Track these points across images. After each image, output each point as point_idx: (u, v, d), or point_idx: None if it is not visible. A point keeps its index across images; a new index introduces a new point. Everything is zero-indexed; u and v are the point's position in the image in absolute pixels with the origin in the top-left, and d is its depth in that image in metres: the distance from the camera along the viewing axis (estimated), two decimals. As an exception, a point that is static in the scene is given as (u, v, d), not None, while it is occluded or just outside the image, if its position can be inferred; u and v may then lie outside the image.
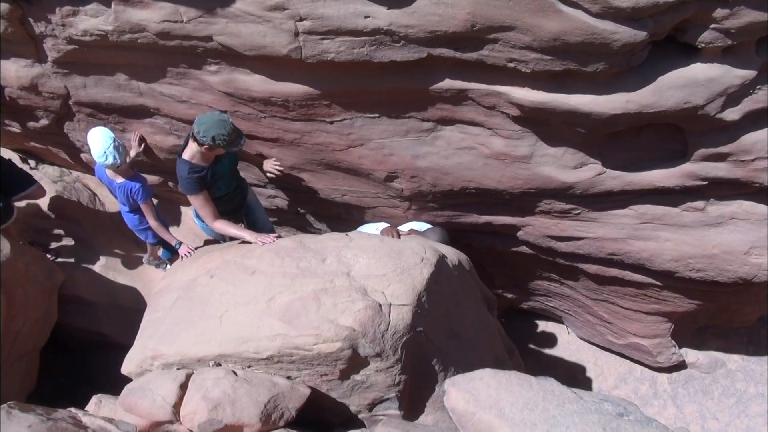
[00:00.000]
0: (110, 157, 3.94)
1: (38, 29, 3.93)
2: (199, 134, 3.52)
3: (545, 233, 4.64)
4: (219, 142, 3.53)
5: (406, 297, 3.07)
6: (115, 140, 3.98)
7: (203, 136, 3.51)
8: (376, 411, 3.10)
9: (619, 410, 2.22)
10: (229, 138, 3.55)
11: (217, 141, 3.52)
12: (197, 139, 3.56)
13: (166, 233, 4.42)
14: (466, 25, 3.22)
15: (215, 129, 3.50)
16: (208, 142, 3.52)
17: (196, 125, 3.54)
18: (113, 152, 3.94)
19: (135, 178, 4.23)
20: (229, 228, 3.90)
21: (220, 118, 3.54)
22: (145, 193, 4.22)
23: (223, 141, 3.53)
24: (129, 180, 4.19)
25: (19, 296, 4.28)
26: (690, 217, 4.17)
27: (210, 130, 3.49)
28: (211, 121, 3.51)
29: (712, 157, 3.77)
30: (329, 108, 3.94)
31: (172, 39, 3.68)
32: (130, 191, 4.22)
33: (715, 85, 3.33)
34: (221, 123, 3.52)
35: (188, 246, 4.23)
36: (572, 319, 6.18)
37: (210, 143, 3.53)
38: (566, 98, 3.47)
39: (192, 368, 3.06)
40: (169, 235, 4.43)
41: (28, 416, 2.70)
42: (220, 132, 3.50)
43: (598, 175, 3.97)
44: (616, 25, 3.05)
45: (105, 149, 3.92)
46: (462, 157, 4.10)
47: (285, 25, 3.41)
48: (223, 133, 3.52)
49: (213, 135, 3.50)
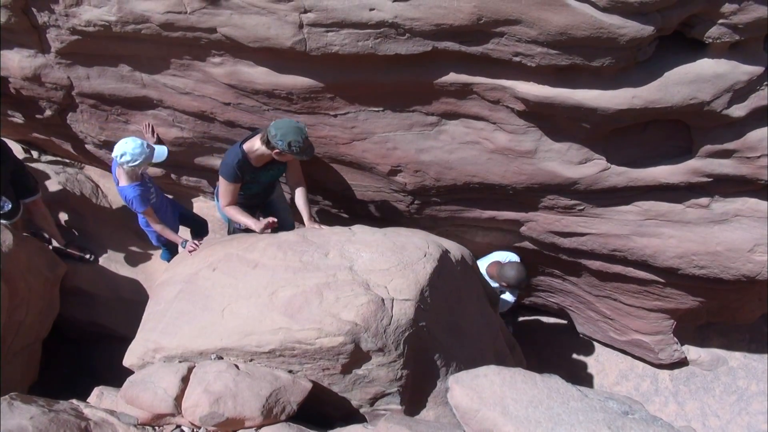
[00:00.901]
0: (127, 156, 3.84)
1: (41, 19, 3.91)
2: (275, 138, 3.55)
3: (548, 229, 4.62)
4: (293, 149, 3.56)
5: (409, 292, 3.06)
6: (145, 147, 3.91)
7: (279, 140, 3.54)
8: (377, 405, 3.10)
9: (624, 408, 2.21)
10: (303, 146, 3.58)
11: (292, 147, 3.55)
12: (270, 142, 3.58)
13: (171, 234, 4.35)
14: (471, 19, 3.20)
15: (292, 135, 3.53)
16: (283, 147, 3.56)
17: (273, 128, 3.56)
18: (133, 153, 3.85)
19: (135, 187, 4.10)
20: (238, 215, 3.94)
21: (298, 126, 3.59)
22: (138, 203, 4.10)
23: (297, 148, 3.56)
24: (130, 185, 4.07)
25: (21, 287, 4.28)
26: (694, 213, 4.15)
27: (287, 135, 3.52)
28: (288, 126, 3.55)
29: (718, 154, 3.75)
30: (333, 101, 3.92)
31: (176, 30, 3.66)
32: (125, 198, 4.15)
33: (722, 81, 3.31)
34: (298, 130, 3.56)
35: (193, 243, 4.23)
36: (574, 315, 6.17)
37: (284, 148, 3.57)
38: (572, 93, 3.45)
39: (194, 361, 3.06)
40: (174, 236, 4.36)
41: (30, 407, 2.71)
42: (296, 138, 3.54)
43: (602, 171, 3.95)
44: (623, 20, 3.03)
45: (127, 147, 3.85)
46: (466, 152, 4.08)
47: (289, 17, 3.39)
48: (299, 140, 3.55)
49: (290, 140, 3.53)
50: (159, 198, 4.41)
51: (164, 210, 4.49)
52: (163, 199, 4.53)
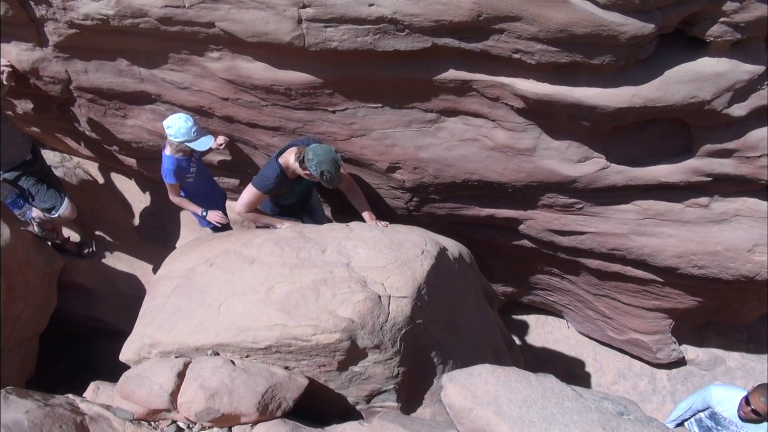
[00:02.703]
0: (172, 129, 3.98)
1: (39, 12, 3.89)
2: (310, 162, 3.62)
3: (547, 227, 4.61)
4: (324, 177, 3.66)
5: (406, 289, 3.06)
6: (191, 129, 4.02)
7: (313, 166, 3.62)
8: (374, 402, 3.09)
9: (619, 409, 2.20)
10: (333, 176, 3.68)
11: (324, 175, 3.65)
12: (305, 163, 3.66)
13: (189, 205, 4.48)
14: (471, 15, 3.18)
15: (326, 165, 3.61)
16: (315, 173, 3.65)
17: (311, 153, 3.63)
18: (178, 129, 3.98)
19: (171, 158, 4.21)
20: (262, 218, 4.07)
21: (335, 157, 3.66)
22: (168, 174, 4.23)
23: (328, 177, 3.66)
24: (171, 156, 4.19)
25: (18, 281, 4.28)
26: (693, 213, 4.14)
27: (322, 164, 3.61)
28: (326, 156, 3.62)
29: (718, 153, 3.74)
30: (332, 97, 3.91)
31: (174, 24, 3.64)
32: (162, 165, 4.27)
33: (723, 80, 3.29)
34: (334, 161, 3.64)
35: (216, 213, 4.41)
36: (572, 314, 6.16)
37: (316, 174, 3.66)
38: (571, 91, 3.44)
39: (190, 357, 3.05)
40: (193, 206, 4.48)
41: (26, 402, 2.70)
42: (329, 169, 3.63)
43: (601, 170, 3.94)
44: (624, 17, 3.01)
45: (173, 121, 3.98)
46: (465, 149, 4.07)
47: (288, 12, 3.37)
48: (331, 172, 3.65)
49: (323, 170, 3.62)
50: (198, 179, 4.45)
51: (202, 194, 4.55)
52: (202, 182, 4.55)
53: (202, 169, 4.53)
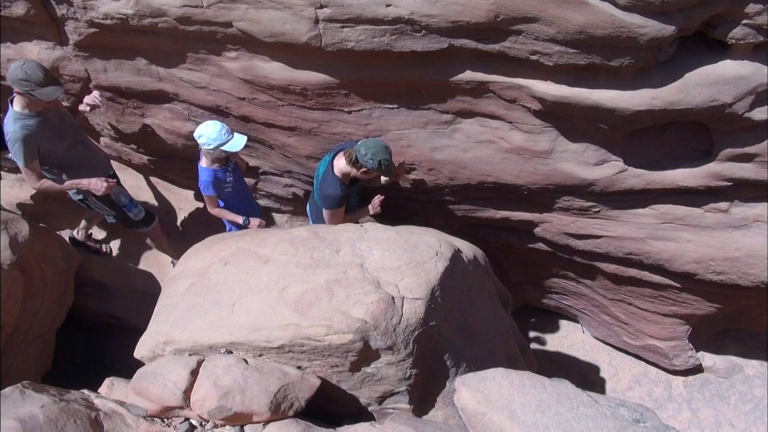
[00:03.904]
0: (203, 138, 3.95)
1: (60, 12, 3.95)
2: (365, 157, 3.67)
3: (563, 230, 4.57)
4: (383, 166, 3.71)
5: (420, 290, 3.04)
6: (222, 133, 3.96)
7: (370, 159, 3.67)
8: (386, 404, 3.08)
9: (636, 416, 2.16)
10: (390, 164, 3.74)
11: (382, 165, 3.70)
12: (359, 161, 3.72)
13: (230, 215, 4.45)
14: (489, 16, 3.16)
15: (382, 154, 3.67)
16: (373, 165, 3.70)
17: (363, 148, 3.68)
18: (209, 137, 3.94)
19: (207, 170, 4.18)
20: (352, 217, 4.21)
21: (385, 145, 3.73)
22: (207, 186, 4.21)
23: (386, 165, 3.71)
24: (208, 168, 4.17)
25: (36, 277, 4.33)
26: (713, 218, 4.07)
27: (378, 154, 3.66)
28: (378, 146, 3.67)
29: (738, 158, 3.67)
30: (348, 97, 3.91)
31: (192, 24, 3.67)
32: (199, 177, 4.24)
33: (745, 83, 3.24)
34: (386, 149, 3.71)
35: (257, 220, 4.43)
36: (588, 319, 6.10)
37: (374, 166, 3.71)
38: (589, 93, 3.40)
39: (203, 355, 3.06)
40: (233, 216, 4.45)
41: (42, 396, 2.73)
42: (385, 157, 3.69)
43: (619, 173, 3.89)
44: (644, 19, 2.97)
45: (205, 130, 3.94)
46: (481, 151, 4.05)
47: (305, 12, 3.38)
48: (388, 159, 3.71)
49: (380, 159, 3.68)
50: (236, 189, 4.41)
51: (241, 203, 4.51)
52: (241, 191, 4.51)
53: (239, 178, 4.47)
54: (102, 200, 4.41)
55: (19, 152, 3.80)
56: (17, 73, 3.52)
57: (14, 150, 3.81)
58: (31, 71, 3.53)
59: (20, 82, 3.54)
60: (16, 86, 3.58)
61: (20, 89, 3.59)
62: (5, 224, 4.12)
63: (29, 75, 3.52)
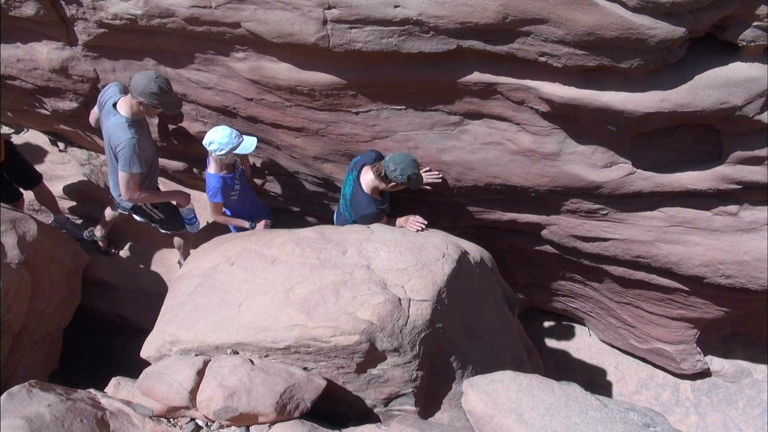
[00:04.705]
0: (214, 144, 3.93)
1: (69, 12, 3.96)
2: (395, 172, 3.73)
3: (570, 233, 4.55)
4: (411, 180, 3.78)
5: (426, 292, 3.03)
6: (233, 137, 3.96)
7: (399, 174, 3.73)
8: (392, 406, 3.07)
9: (645, 420, 2.14)
10: (418, 176, 3.82)
11: (411, 179, 3.77)
12: (388, 176, 3.77)
13: (235, 221, 4.46)
14: (497, 17, 3.15)
15: (411, 169, 3.74)
16: (402, 179, 3.76)
17: (392, 163, 3.73)
18: (220, 142, 3.93)
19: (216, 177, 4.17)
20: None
21: (413, 158, 3.79)
22: (214, 194, 4.20)
23: (414, 178, 3.79)
24: (216, 174, 4.16)
25: (44, 276, 4.35)
26: (722, 221, 4.04)
27: (407, 169, 3.73)
28: (407, 161, 3.74)
29: (748, 161, 3.64)
30: (355, 98, 3.90)
31: (201, 25, 3.68)
32: (207, 183, 4.24)
33: (755, 85, 3.21)
34: (414, 163, 3.78)
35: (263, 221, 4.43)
36: (594, 322, 6.07)
37: (404, 181, 3.77)
38: (598, 95, 3.38)
39: (210, 355, 3.07)
40: (239, 221, 4.46)
41: (49, 395, 2.74)
42: (414, 171, 3.76)
43: (627, 176, 3.87)
44: (653, 20, 2.95)
45: (215, 136, 3.94)
46: (488, 153, 4.04)
47: (313, 13, 3.37)
48: (417, 173, 3.79)
49: (409, 173, 3.74)
50: (242, 196, 4.41)
51: (246, 210, 4.52)
52: (246, 198, 4.50)
53: (245, 185, 4.47)
54: (171, 213, 4.52)
55: (134, 159, 3.80)
56: (151, 86, 3.59)
57: (126, 157, 3.77)
58: (165, 86, 3.65)
59: (152, 95, 3.61)
60: (145, 98, 3.63)
61: (149, 101, 3.65)
62: (14, 223, 4.15)
63: (163, 89, 3.64)
